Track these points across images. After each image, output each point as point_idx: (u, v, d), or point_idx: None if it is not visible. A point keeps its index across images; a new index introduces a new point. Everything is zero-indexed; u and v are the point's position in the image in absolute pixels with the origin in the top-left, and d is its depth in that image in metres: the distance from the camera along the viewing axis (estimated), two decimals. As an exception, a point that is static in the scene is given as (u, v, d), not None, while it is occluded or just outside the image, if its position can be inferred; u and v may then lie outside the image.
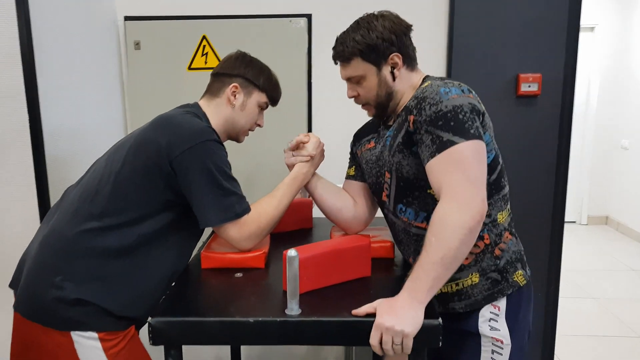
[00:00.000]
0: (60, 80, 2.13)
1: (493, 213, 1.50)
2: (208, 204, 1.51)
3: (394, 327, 1.23)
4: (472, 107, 1.37)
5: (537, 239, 2.70)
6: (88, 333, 1.46)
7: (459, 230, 1.26)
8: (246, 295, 1.44)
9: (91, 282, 1.47)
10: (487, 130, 1.43)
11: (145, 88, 2.63)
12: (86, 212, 1.50)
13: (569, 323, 3.72)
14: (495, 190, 1.49)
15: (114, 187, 1.51)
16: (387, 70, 1.55)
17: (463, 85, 1.43)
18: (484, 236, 1.49)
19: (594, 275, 4.74)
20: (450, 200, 1.29)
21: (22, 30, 1.89)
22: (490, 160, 1.45)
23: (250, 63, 1.75)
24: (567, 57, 2.52)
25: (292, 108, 2.59)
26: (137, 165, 1.51)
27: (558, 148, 2.60)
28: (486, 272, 1.50)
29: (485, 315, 1.50)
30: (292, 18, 2.55)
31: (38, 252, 1.52)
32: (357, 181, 1.82)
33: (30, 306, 1.49)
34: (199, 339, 1.31)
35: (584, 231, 6.26)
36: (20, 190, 2.03)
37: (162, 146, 1.49)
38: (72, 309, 1.45)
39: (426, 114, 1.37)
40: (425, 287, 1.27)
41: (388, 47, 1.52)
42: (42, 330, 1.47)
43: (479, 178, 1.31)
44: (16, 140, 1.99)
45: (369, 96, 1.60)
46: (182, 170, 1.48)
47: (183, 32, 2.59)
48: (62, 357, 1.48)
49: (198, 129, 1.53)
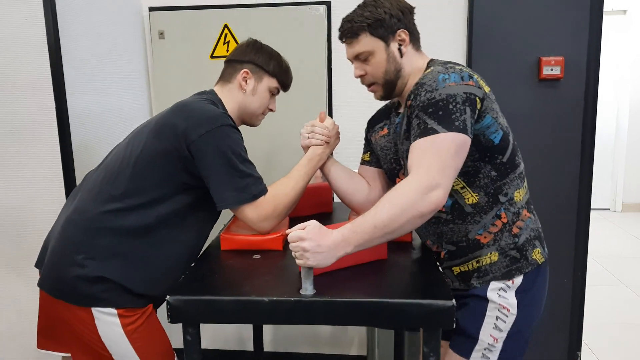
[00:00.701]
0: (86, 69, 2.19)
1: (510, 192, 1.50)
2: (225, 186, 1.55)
3: (305, 253, 1.28)
4: (467, 97, 1.37)
5: (563, 225, 2.68)
6: (107, 309, 1.54)
7: (410, 210, 1.28)
8: (262, 276, 1.47)
9: (111, 260, 1.54)
10: (487, 113, 1.43)
11: (169, 76, 2.69)
12: (107, 194, 1.57)
13: (599, 311, 3.66)
14: (511, 169, 1.50)
15: (134, 169, 1.57)
16: (394, 46, 1.56)
17: (465, 70, 1.43)
18: (502, 215, 1.50)
19: (627, 263, 4.65)
20: (416, 178, 1.30)
21: (49, 21, 1.95)
22: (499, 140, 1.46)
23: (260, 50, 1.79)
24: (591, 39, 2.48)
25: (312, 93, 2.63)
26: (157, 149, 1.56)
27: (582, 133, 2.56)
28: (505, 250, 1.51)
29: (496, 285, 1.52)
30: (311, 5, 2.57)
31: (61, 232, 1.59)
32: (372, 167, 1.84)
33: (54, 284, 1.57)
34: (215, 317, 1.35)
35: (618, 218, 6.14)
36: (47, 176, 2.10)
37: (180, 130, 1.54)
38: (93, 286, 1.52)
39: (420, 100, 1.40)
40: (357, 242, 1.31)
41: (395, 22, 1.54)
42: (65, 307, 1.55)
43: (450, 170, 1.33)
44: (44, 127, 2.06)
45: (377, 73, 1.60)
46: (200, 154, 1.53)
47: (205, 22, 2.63)
48: (84, 332, 1.56)
49: (214, 114, 1.57)
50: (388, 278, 1.44)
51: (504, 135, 1.47)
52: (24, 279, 2.22)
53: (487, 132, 1.44)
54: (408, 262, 1.59)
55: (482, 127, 1.42)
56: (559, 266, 2.70)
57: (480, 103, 1.40)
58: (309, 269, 1.31)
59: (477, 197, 1.49)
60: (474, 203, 1.50)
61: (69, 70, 2.04)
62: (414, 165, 1.34)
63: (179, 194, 1.59)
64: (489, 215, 1.50)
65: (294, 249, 1.31)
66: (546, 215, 2.61)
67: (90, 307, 1.53)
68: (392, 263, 1.55)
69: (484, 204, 1.50)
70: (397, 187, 1.33)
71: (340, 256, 1.32)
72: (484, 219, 1.50)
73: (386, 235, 1.32)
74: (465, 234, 1.53)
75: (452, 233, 1.55)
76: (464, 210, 1.51)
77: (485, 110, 1.42)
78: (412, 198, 1.28)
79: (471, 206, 1.50)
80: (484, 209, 1.50)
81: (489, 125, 1.43)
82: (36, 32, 1.97)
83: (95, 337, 1.56)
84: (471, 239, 1.53)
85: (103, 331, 1.55)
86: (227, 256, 1.64)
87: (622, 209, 6.40)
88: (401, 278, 1.48)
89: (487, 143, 1.45)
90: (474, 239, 1.53)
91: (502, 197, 1.50)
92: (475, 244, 1.53)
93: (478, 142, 1.43)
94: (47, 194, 2.11)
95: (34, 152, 2.08)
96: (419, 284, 1.45)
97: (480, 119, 1.41)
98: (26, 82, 2.02)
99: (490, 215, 1.50)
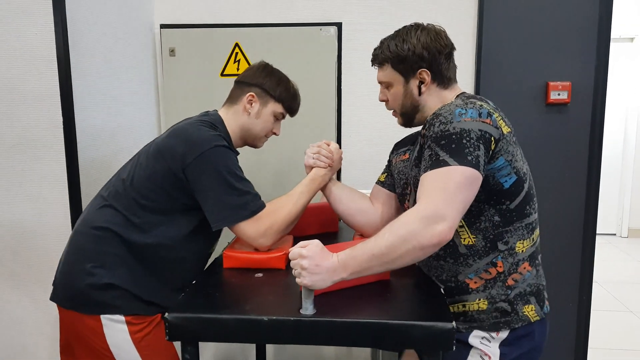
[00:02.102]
0: (96, 84, 2.21)
1: (512, 241, 1.46)
2: (222, 205, 1.58)
3: (302, 271, 1.28)
4: (481, 135, 1.34)
5: (569, 249, 2.67)
6: (116, 316, 1.57)
7: (411, 240, 1.26)
8: (264, 295, 1.47)
9: (120, 268, 1.58)
10: (501, 154, 1.39)
11: (180, 93, 2.71)
12: (112, 210, 1.61)
13: (604, 336, 3.63)
14: (517, 217, 1.45)
15: (137, 190, 1.61)
16: (414, 84, 1.56)
17: (485, 107, 1.40)
18: (498, 263, 1.46)
19: (632, 289, 4.61)
20: (422, 209, 1.28)
21: (59, 35, 1.98)
22: (510, 185, 1.42)
23: (270, 74, 1.81)
24: (598, 65, 2.49)
25: (322, 114, 2.64)
26: (156, 170, 1.60)
27: (589, 157, 2.56)
28: (495, 300, 1.46)
29: (479, 333, 1.48)
30: (322, 26, 2.59)
31: (70, 243, 1.65)
32: (385, 188, 1.83)
33: (65, 294, 1.61)
34: (214, 335, 1.35)
35: (624, 244, 6.10)
36: (53, 191, 2.11)
37: (178, 153, 1.58)
38: (102, 293, 1.56)
39: (434, 130, 1.38)
40: (354, 269, 1.30)
41: (417, 61, 1.53)
42: (76, 317, 1.58)
43: (457, 203, 1.29)
44: (51, 141, 2.07)
45: (394, 104, 1.63)
46: (195, 177, 1.56)
47: (216, 40, 2.65)
48: (94, 341, 1.58)
49: (207, 136, 1.60)
50: (389, 299, 1.44)
51: (517, 180, 1.43)
52: (26, 295, 2.22)
53: (497, 174, 1.40)
54: (410, 284, 1.58)
55: (493, 168, 1.39)
56: (564, 291, 2.68)
57: (494, 144, 1.37)
58: (310, 289, 1.31)
59: (474, 240, 1.46)
60: (469, 245, 1.46)
61: (78, 86, 2.06)
62: (421, 196, 1.32)
63: (178, 214, 1.63)
64: (484, 260, 1.46)
65: (294, 266, 1.31)
66: (552, 240, 2.61)
67: (99, 315, 1.56)
68: (394, 284, 1.54)
69: (480, 248, 1.46)
70: (400, 216, 1.31)
71: (336, 281, 1.31)
72: (477, 263, 1.46)
73: (385, 265, 1.30)
74: (455, 274, 1.50)
75: (442, 270, 1.52)
76: (458, 250, 1.48)
77: (499, 151, 1.38)
78: (414, 227, 1.26)
79: (466, 247, 1.47)
80: (479, 253, 1.46)
81: (500, 168, 1.39)
82: (46, 46, 1.99)
83: (104, 345, 1.58)
84: (460, 281, 1.49)
85: (111, 338, 1.57)
86: (229, 274, 1.64)
87: (628, 235, 6.36)
88: (402, 299, 1.47)
89: (495, 186, 1.41)
90: (463, 282, 1.49)
91: (501, 245, 1.45)
92: (463, 287, 1.49)
93: (486, 183, 1.38)
94: (52, 209, 2.12)
95: (40, 166, 2.09)
96: (420, 305, 1.43)
97: (492, 159, 1.38)
98: (35, 96, 2.04)
99: (484, 261, 1.46)
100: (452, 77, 1.59)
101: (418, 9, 2.56)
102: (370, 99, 2.60)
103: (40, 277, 2.18)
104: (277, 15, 2.64)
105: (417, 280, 1.60)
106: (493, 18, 2.50)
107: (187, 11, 2.68)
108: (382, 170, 1.89)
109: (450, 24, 2.50)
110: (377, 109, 2.55)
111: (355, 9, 2.59)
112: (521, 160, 1.46)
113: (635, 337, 3.69)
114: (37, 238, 2.16)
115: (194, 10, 2.68)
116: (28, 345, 2.27)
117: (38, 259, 2.16)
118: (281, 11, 2.63)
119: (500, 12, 2.50)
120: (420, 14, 2.53)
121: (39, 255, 2.16)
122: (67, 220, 2.10)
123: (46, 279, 2.14)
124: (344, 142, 2.67)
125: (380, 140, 2.64)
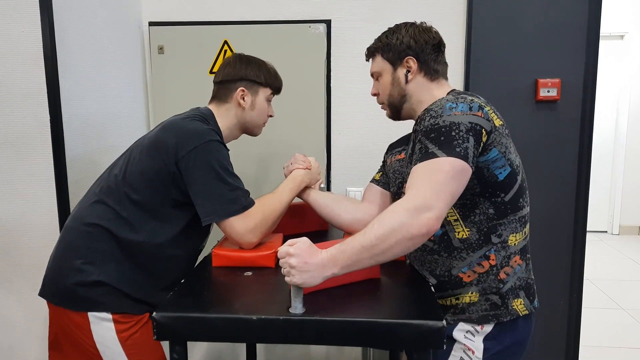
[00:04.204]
0: (84, 82, 2.19)
1: (505, 234, 1.47)
2: (214, 199, 1.57)
3: (292, 270, 1.28)
4: (471, 127, 1.35)
5: (559, 247, 2.66)
6: (103, 314, 1.56)
7: (399, 230, 1.26)
8: (253, 293, 1.46)
9: (110, 264, 1.57)
10: (494, 146, 1.40)
11: (169, 91, 2.69)
12: (104, 206, 1.60)
13: (595, 334, 3.64)
14: (511, 210, 1.47)
15: (128, 185, 1.60)
16: (401, 72, 1.61)
17: (476, 101, 1.42)
18: (490, 256, 1.47)
19: (624, 286, 4.64)
20: (410, 200, 1.28)
21: (46, 33, 1.96)
22: (504, 177, 1.43)
23: (248, 63, 1.82)
24: (588, 62, 2.49)
25: (311, 112, 2.62)
26: (148, 165, 1.60)
27: (579, 154, 2.56)
28: (487, 292, 1.48)
29: (463, 326, 1.49)
30: (311, 24, 2.58)
31: (60, 239, 1.64)
32: (379, 187, 1.86)
33: (54, 290, 1.60)
34: (202, 335, 1.34)
35: (615, 241, 6.13)
36: (40, 188, 2.09)
37: (170, 147, 1.57)
38: (91, 290, 1.55)
39: (424, 125, 1.40)
40: (345, 262, 1.30)
41: (404, 49, 1.59)
42: (64, 314, 1.58)
43: (445, 194, 1.29)
44: (38, 138, 2.04)
45: (383, 94, 1.67)
46: (188, 170, 1.56)
47: (205, 37, 2.63)
48: (81, 339, 1.58)
49: (200, 130, 1.60)
50: (379, 298, 1.43)
51: (511, 172, 1.44)
52: (13, 293, 2.19)
53: (491, 166, 1.41)
54: (400, 282, 1.58)
55: (487, 160, 1.40)
56: (555, 289, 2.68)
57: (486, 135, 1.38)
58: (299, 288, 1.30)
59: (468, 233, 1.46)
60: (463, 238, 1.47)
61: (65, 83, 2.04)
62: (409, 187, 1.33)
63: (169, 212, 1.62)
64: (477, 254, 1.47)
65: (282, 265, 1.30)
66: (542, 238, 2.61)
67: (86, 312, 1.55)
68: (384, 282, 1.54)
69: (474, 241, 1.47)
70: (389, 207, 1.32)
71: (327, 277, 1.30)
72: (471, 256, 1.47)
73: (375, 257, 1.29)
74: (449, 269, 1.50)
75: (436, 265, 1.53)
76: (452, 243, 1.49)
77: (491, 143, 1.39)
78: (402, 218, 1.26)
79: (460, 241, 1.48)
80: (472, 246, 1.47)
81: (494, 159, 1.40)
82: (33, 44, 1.97)
83: (91, 342, 1.57)
84: (454, 275, 1.50)
85: (98, 336, 1.56)
86: (218, 273, 1.63)
87: (619, 232, 6.39)
88: (392, 298, 1.47)
89: (490, 178, 1.42)
90: (457, 276, 1.50)
91: (494, 238, 1.46)
92: (457, 281, 1.50)
93: (481, 175, 1.40)
94: (40, 207, 2.10)
95: (27, 164, 2.07)
96: (410, 304, 1.43)
97: (485, 151, 1.39)
98: (21, 94, 2.01)
99: (478, 255, 1.47)
100: (441, 71, 1.63)
101: (407, 6, 2.55)
102: (360, 96, 2.59)
103: (27, 276, 2.15)
104: (266, 12, 2.62)
105: (407, 279, 1.59)
106: (482, 15, 2.49)
107: (176, 9, 2.66)
108: (377, 170, 1.92)
109: (440, 21, 2.49)
110: (366, 105, 2.55)
111: (344, 7, 2.58)
112: (514, 153, 1.48)
113: (626, 335, 3.71)
114: (25, 236, 2.13)
115: (182, 8, 2.66)
116: (15, 344, 2.25)
117: (25, 257, 2.14)
118: (270, 8, 2.62)
119: (489, 10, 2.49)
120: (410, 11, 2.52)
121: (26, 253, 2.14)
122: (54, 218, 2.08)
123: (33, 277, 2.12)
124: (333, 138, 2.66)
125: (369, 136, 2.63)
